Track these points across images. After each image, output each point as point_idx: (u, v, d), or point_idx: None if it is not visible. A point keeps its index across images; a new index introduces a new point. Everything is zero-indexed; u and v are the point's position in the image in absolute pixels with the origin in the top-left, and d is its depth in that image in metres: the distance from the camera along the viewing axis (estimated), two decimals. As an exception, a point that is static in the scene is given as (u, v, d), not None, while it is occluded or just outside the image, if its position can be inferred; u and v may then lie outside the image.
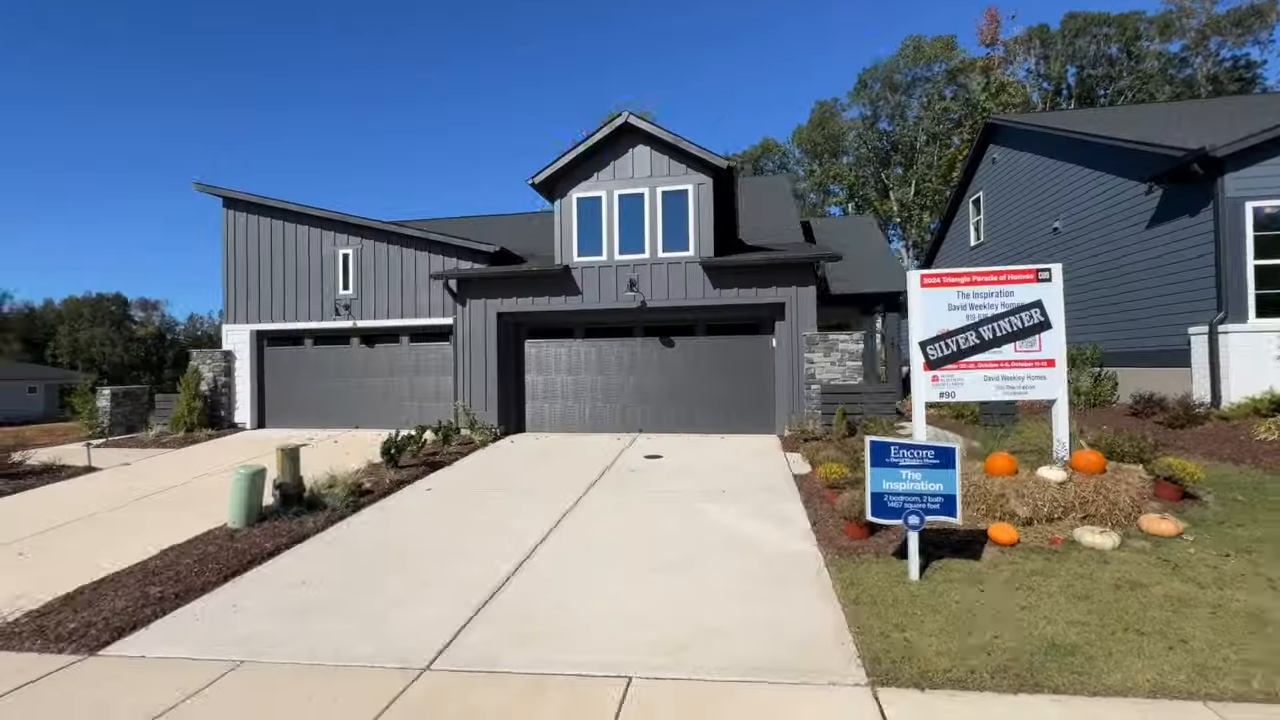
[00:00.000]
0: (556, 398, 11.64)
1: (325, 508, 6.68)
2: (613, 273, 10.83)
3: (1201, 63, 39.39)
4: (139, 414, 13.55)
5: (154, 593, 4.79)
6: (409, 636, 3.91)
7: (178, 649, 3.97)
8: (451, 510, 6.89)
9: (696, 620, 3.95)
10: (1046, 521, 5.05)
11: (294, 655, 3.81)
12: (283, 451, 6.77)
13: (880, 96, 44.26)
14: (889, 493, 4.28)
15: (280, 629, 4.15)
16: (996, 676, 3.07)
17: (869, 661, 3.30)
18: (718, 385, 10.96)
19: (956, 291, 6.16)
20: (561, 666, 3.49)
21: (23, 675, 3.69)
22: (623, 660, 3.51)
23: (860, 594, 4.10)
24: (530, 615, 4.18)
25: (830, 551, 4.92)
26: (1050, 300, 5.97)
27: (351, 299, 12.36)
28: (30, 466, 9.18)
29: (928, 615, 3.75)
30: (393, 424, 12.43)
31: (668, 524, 6.04)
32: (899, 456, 4.27)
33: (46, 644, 4.11)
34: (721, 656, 3.51)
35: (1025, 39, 42.83)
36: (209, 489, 8.16)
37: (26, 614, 4.51)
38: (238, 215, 12.94)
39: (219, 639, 4.06)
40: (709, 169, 10.51)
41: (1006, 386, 6.03)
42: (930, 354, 6.17)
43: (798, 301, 10.14)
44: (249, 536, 5.91)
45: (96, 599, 4.71)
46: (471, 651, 3.73)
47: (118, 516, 7.05)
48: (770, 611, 4.04)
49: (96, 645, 4.06)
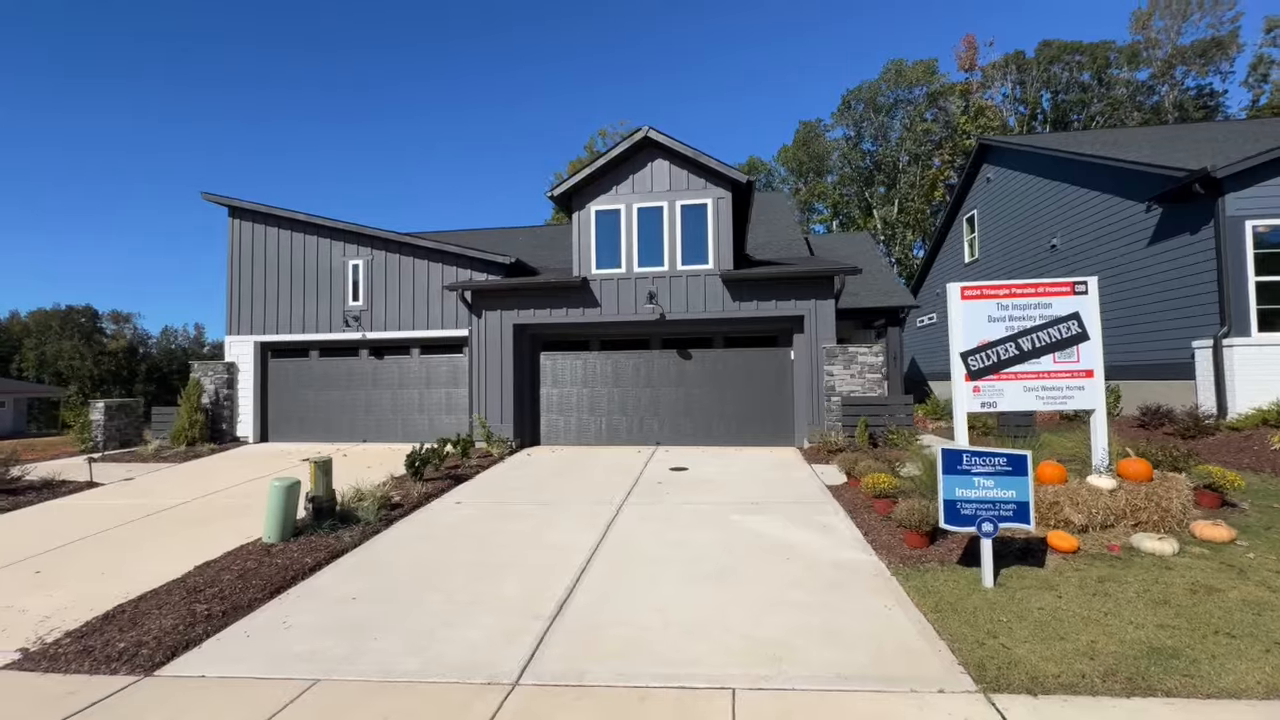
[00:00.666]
0: (572, 410, 11.54)
1: (358, 521, 6.52)
2: (632, 285, 10.85)
3: (1168, 91, 41.16)
4: (134, 427, 13.11)
5: (201, 610, 4.60)
6: (481, 652, 3.80)
7: (239, 668, 3.81)
8: (487, 524, 6.75)
9: (774, 630, 3.91)
10: (1099, 529, 5.13)
11: (365, 673, 3.68)
12: (315, 464, 6.60)
13: (864, 117, 45.38)
14: (962, 500, 4.31)
15: (340, 646, 4.01)
16: (1107, 680, 3.09)
17: (973, 668, 3.29)
18: (735, 398, 10.98)
19: (996, 303, 6.28)
20: (653, 679, 3.42)
21: (81, 697, 3.51)
22: (717, 672, 3.45)
23: (939, 601, 4.11)
24: (601, 629, 4.09)
25: (893, 560, 4.93)
26: (1087, 312, 6.11)
27: (361, 310, 12.17)
28: (29, 482, 8.81)
29: (1014, 621, 3.76)
30: (402, 437, 12.25)
31: (712, 535, 5.99)
32: (971, 464, 4.31)
33: (96, 665, 3.91)
34: (818, 666, 3.48)
35: (1002, 64, 44.42)
36: (224, 504, 7.91)
37: (66, 634, 4.30)
38: (243, 225, 12.70)
39: (279, 657, 3.91)
40: (728, 183, 10.64)
41: (1047, 397, 6.14)
42: (971, 365, 6.27)
43: (817, 314, 10.26)
44: (286, 551, 5.73)
45: (140, 617, 4.51)
46: (555, 665, 3.64)
47: (132, 533, 6.78)
48: (848, 621, 4.02)
49: (151, 665, 3.88)
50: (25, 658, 4.02)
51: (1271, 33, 37.77)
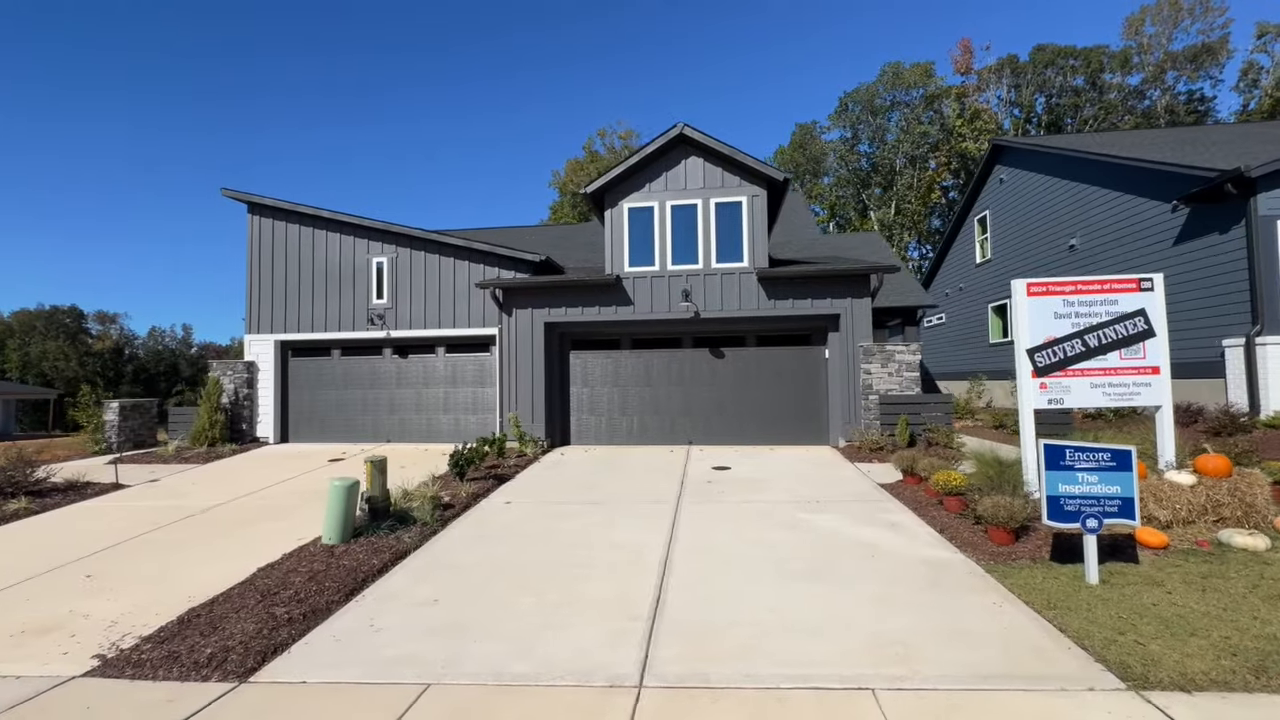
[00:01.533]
0: (602, 410, 11.43)
1: (414, 522, 6.38)
2: (665, 283, 10.76)
3: (1160, 95, 41.84)
4: (147, 428, 12.82)
5: (280, 614, 4.46)
6: (591, 654, 3.70)
7: (338, 673, 3.68)
8: (545, 524, 6.64)
9: (892, 629, 3.85)
10: (1181, 524, 5.13)
11: (477, 676, 3.57)
12: (371, 463, 6.45)
13: (860, 119, 45.65)
14: (1065, 496, 4.27)
15: (439, 650, 3.88)
16: (1261, 677, 3.05)
17: (1114, 666, 3.24)
18: (767, 397, 10.93)
19: (1062, 300, 6.28)
20: (784, 680, 3.34)
21: (183, 705, 3.37)
22: (849, 672, 3.38)
23: (1048, 599, 4.06)
24: (712, 630, 4.00)
25: (981, 557, 4.88)
26: (1153, 309, 6.12)
27: (385, 308, 11.97)
28: (53, 484, 8.55)
29: (1136, 618, 3.72)
30: (425, 437, 12.07)
31: (786, 534, 5.92)
32: (1074, 459, 4.28)
33: (185, 672, 3.77)
34: (950, 664, 3.41)
35: (997, 68, 44.90)
36: (260, 506, 7.72)
37: (143, 640, 4.14)
38: (263, 222, 12.45)
39: (377, 661, 3.78)
40: (764, 181, 10.59)
41: (1114, 393, 6.15)
42: (1038, 361, 6.27)
43: (853, 312, 10.23)
44: (350, 553, 5.59)
45: (218, 622, 4.36)
46: (674, 668, 3.55)
47: (173, 535, 6.59)
48: (956, 619, 3.96)
49: (243, 671, 3.74)
50: (106, 664, 3.87)
51: (1262, 38, 38.52)
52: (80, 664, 3.89)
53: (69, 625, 4.47)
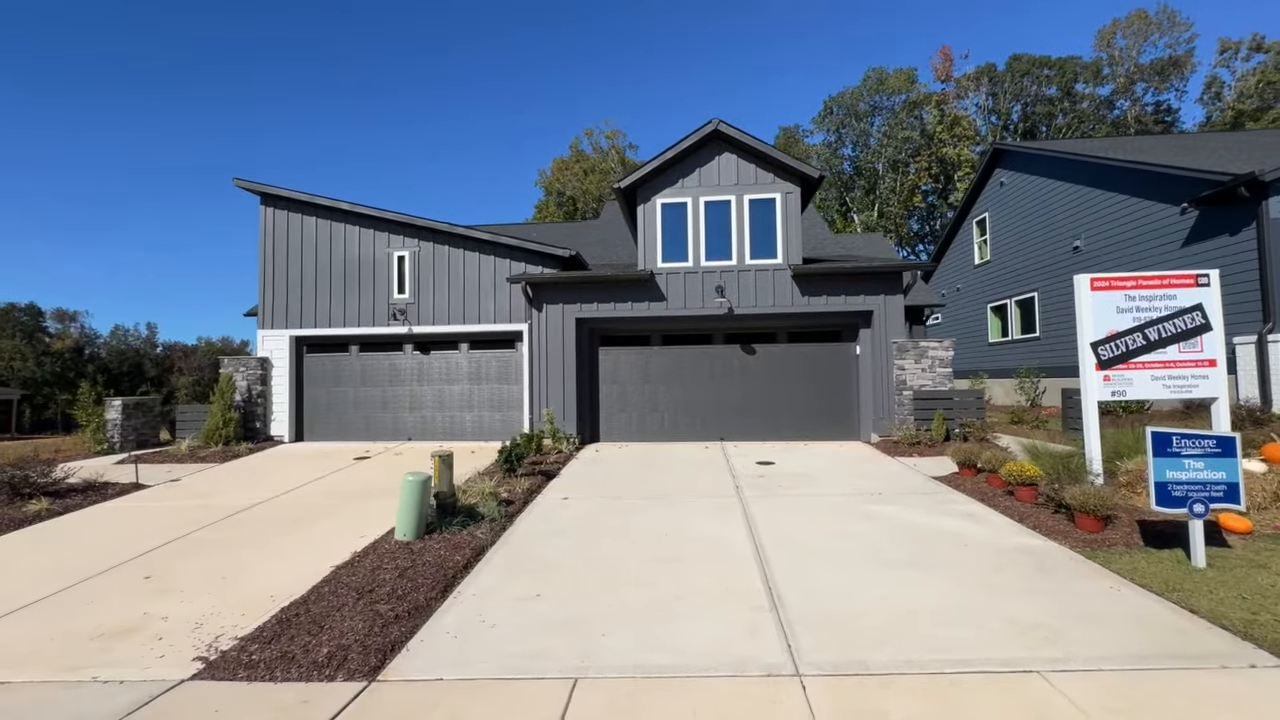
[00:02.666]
0: (631, 406, 11.35)
1: (482, 518, 6.24)
2: (699, 279, 10.75)
3: (1129, 106, 43.52)
4: (150, 427, 12.31)
5: (384, 611, 4.31)
6: (731, 644, 3.65)
7: (471, 670, 3.55)
8: (614, 519, 6.55)
9: (1026, 613, 3.88)
10: (1256, 510, 5.30)
11: (622, 669, 3.48)
12: (439, 459, 6.29)
13: (844, 123, 46.39)
14: (1172, 482, 4.38)
15: (566, 645, 3.79)
16: None
17: (1268, 645, 3.32)
18: (798, 393, 10.99)
19: (1123, 295, 6.45)
20: (944, 665, 3.33)
21: (322, 705, 3.23)
22: (1005, 655, 3.39)
23: (1164, 582, 4.15)
24: (835, 619, 3.97)
25: (1074, 545, 4.97)
26: (1210, 303, 6.33)
27: (408, 303, 11.69)
28: (71, 484, 8.14)
29: (1260, 599, 3.83)
30: (445, 435, 11.84)
31: (860, 526, 5.94)
32: (1181, 446, 4.39)
33: (306, 672, 3.61)
34: (1102, 645, 3.45)
35: (975, 76, 46.14)
36: (303, 505, 7.47)
37: (244, 640, 3.97)
38: (277, 213, 12.04)
39: (508, 656, 3.68)
40: (797, 178, 10.66)
41: (1173, 385, 6.33)
42: (1101, 354, 6.42)
43: (886, 309, 10.37)
44: (429, 549, 5.44)
45: (320, 620, 4.20)
46: (823, 655, 3.51)
47: (219, 536, 6.33)
48: (1080, 603, 4.02)
49: (369, 670, 3.60)
50: (211, 667, 3.68)
51: (1224, 54, 40.38)
52: (182, 666, 3.70)
53: (149, 627, 4.26)
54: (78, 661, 3.80)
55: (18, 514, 7.02)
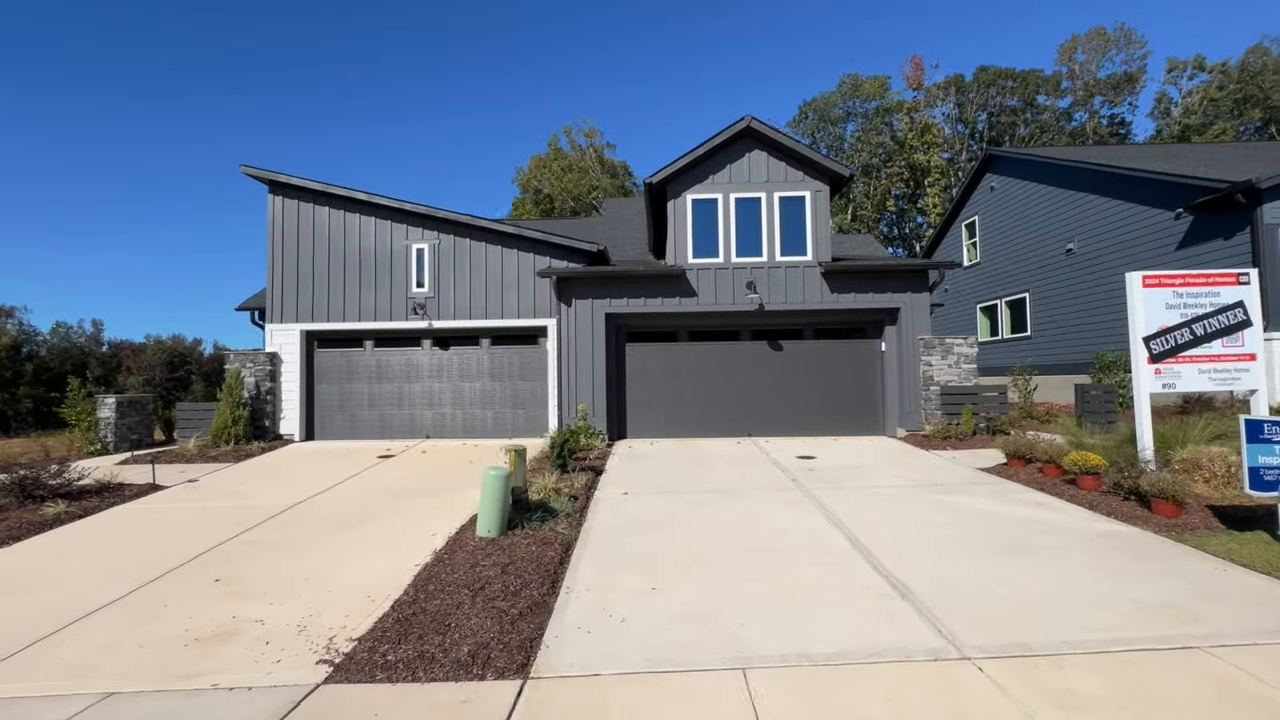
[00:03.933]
0: (659, 402, 11.29)
1: (557, 513, 6.11)
2: (729, 275, 10.78)
3: (1087, 118, 45.72)
4: (144, 425, 11.65)
5: (504, 608, 4.18)
6: (876, 631, 3.68)
7: (623, 664, 3.46)
8: (687, 511, 6.50)
9: (1153, 595, 4.00)
10: (1311, 495, 5.60)
11: (785, 658, 3.43)
12: (514, 453, 6.13)
13: (819, 127, 47.32)
14: (1264, 467, 4.59)
15: (709, 637, 3.72)
16: None
17: (1405, 616, 3.52)
18: (824, 388, 11.14)
19: (1172, 291, 6.75)
20: (1101, 645, 3.40)
21: (486, 705, 3.12)
22: (1153, 633, 3.49)
23: (1268, 563, 4.35)
24: (966, 605, 3.99)
25: (1158, 529, 5.16)
26: (1250, 301, 6.68)
27: (427, 297, 11.36)
28: (85, 486, 7.64)
29: (1367, 576, 4.05)
30: (463, 433, 11.57)
31: (939, 515, 6.03)
32: (1273, 433, 4.61)
33: (450, 672, 3.48)
34: (1238, 622, 3.58)
35: (944, 86, 47.68)
36: (345, 504, 7.20)
37: (367, 640, 3.81)
38: (287, 203, 11.53)
39: (652, 648, 3.61)
40: (827, 176, 10.81)
41: (1218, 378, 6.66)
42: (1153, 348, 6.71)
43: (913, 306, 10.61)
44: (516, 545, 5.30)
45: (443, 619, 4.05)
46: (979, 639, 3.54)
47: (270, 537, 6.05)
48: (1196, 583, 4.16)
49: (516, 667, 3.50)
50: (340, 670, 3.51)
51: (1172, 72, 42.85)
52: (308, 670, 3.52)
53: (247, 630, 4.04)
54: (185, 669, 3.56)
55: (35, 517, 6.55)
